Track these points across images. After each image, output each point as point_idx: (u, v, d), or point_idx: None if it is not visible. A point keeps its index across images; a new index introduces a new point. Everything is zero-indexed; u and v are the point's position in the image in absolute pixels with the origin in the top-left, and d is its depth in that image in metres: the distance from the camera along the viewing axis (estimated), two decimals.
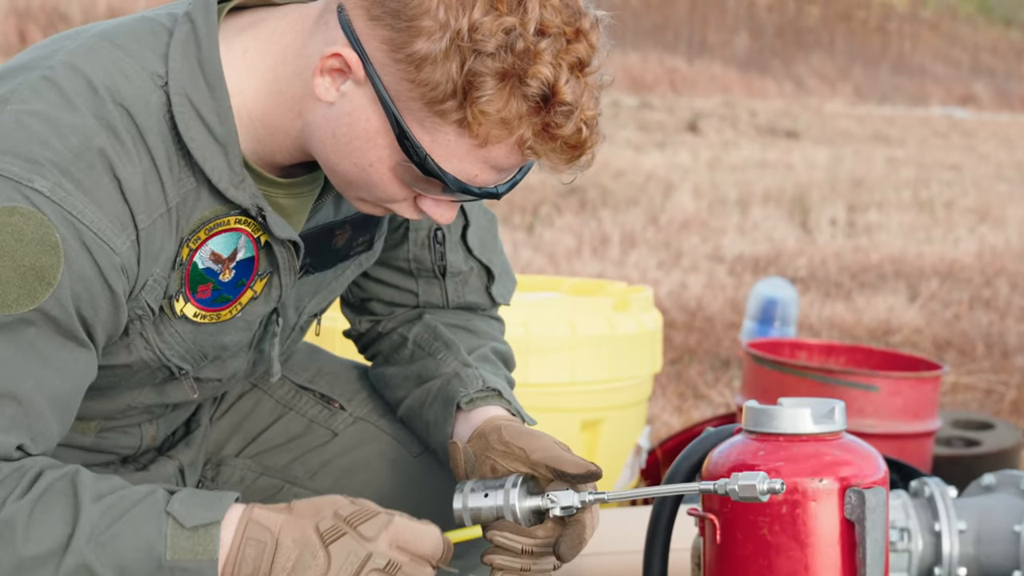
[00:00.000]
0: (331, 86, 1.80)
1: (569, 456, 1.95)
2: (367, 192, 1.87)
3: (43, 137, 1.75)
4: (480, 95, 1.73)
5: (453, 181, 1.80)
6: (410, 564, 1.81)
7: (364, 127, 1.80)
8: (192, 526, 1.76)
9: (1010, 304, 7.37)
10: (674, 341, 6.02)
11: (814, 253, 8.60)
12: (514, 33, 1.72)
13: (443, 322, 2.23)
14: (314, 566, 1.78)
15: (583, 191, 10.52)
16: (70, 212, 1.74)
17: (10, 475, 1.76)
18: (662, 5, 25.96)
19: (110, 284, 1.78)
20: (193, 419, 2.22)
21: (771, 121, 18.57)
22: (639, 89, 21.58)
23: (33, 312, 1.73)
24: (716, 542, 2.01)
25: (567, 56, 1.75)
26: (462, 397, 2.09)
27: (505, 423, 2.03)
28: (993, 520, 2.76)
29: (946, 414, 4.36)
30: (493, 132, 1.76)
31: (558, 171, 1.84)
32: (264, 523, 1.80)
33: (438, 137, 1.78)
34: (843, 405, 2.02)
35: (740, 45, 26.58)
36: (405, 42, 1.74)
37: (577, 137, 1.78)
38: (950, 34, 31.09)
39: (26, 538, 1.74)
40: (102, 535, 1.75)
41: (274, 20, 1.87)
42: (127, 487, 1.80)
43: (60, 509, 1.75)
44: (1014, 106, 26.58)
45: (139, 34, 1.86)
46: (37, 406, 1.77)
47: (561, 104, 1.75)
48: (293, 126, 1.86)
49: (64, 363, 1.78)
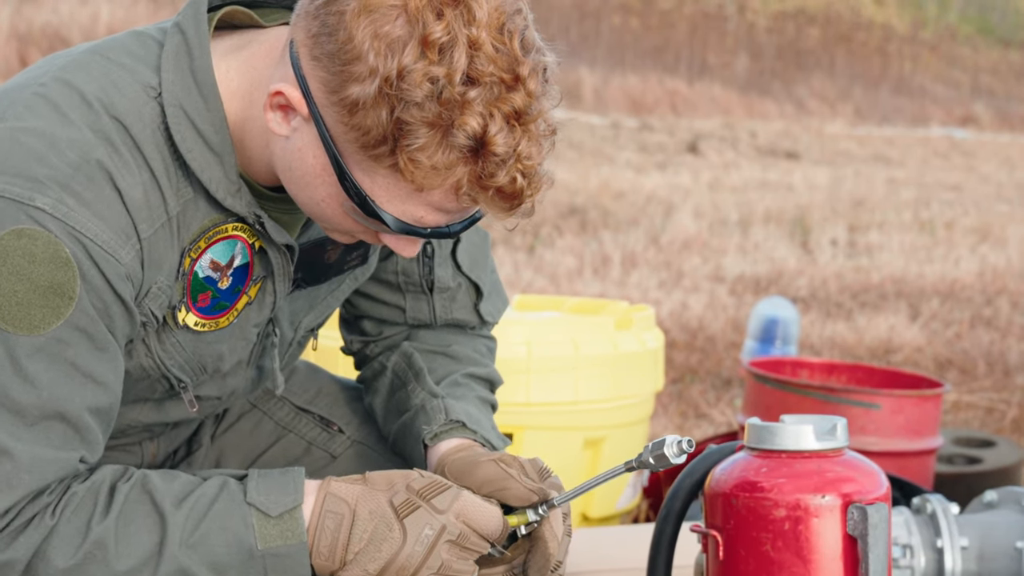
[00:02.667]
0: (283, 121, 1.79)
1: (511, 487, 1.93)
2: (327, 223, 1.87)
3: (41, 154, 1.76)
4: (410, 143, 1.70)
5: (394, 222, 1.79)
6: (474, 537, 1.87)
7: (312, 164, 1.79)
8: (278, 514, 1.82)
9: (1011, 323, 7.37)
10: (675, 361, 6.02)
11: (815, 273, 8.60)
12: (439, 83, 1.68)
13: (421, 348, 2.22)
14: (391, 539, 1.83)
15: (584, 212, 10.54)
16: (74, 227, 1.75)
17: (86, 496, 1.80)
18: (662, 27, 26.00)
19: (119, 294, 1.79)
20: (195, 439, 2.23)
21: (771, 142, 18.59)
22: (639, 111, 21.61)
23: (63, 328, 1.75)
24: (719, 558, 2.01)
25: (502, 105, 1.71)
26: (426, 434, 2.08)
27: (450, 459, 2.01)
28: (995, 537, 2.75)
29: (948, 432, 4.36)
30: (426, 179, 1.73)
31: (499, 219, 1.81)
32: (341, 495, 1.85)
33: (376, 180, 1.77)
34: (845, 422, 2.02)
35: (740, 67, 26.61)
36: (339, 86, 1.72)
37: (512, 187, 1.74)
38: (950, 55, 31.13)
39: (118, 554, 1.78)
40: (191, 537, 1.80)
41: (256, 44, 1.88)
42: (198, 483, 1.84)
43: (144, 519, 1.80)
44: (1014, 126, 26.60)
45: (130, 47, 1.87)
46: (85, 420, 1.79)
47: (493, 155, 1.72)
48: (264, 154, 1.86)
49: (104, 374, 1.80)
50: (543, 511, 1.95)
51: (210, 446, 2.26)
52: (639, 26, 25.16)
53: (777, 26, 28.43)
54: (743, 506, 1.96)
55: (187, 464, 2.22)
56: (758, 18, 28.26)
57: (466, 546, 1.86)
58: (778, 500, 1.95)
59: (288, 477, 1.86)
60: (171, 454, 2.21)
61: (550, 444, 3.36)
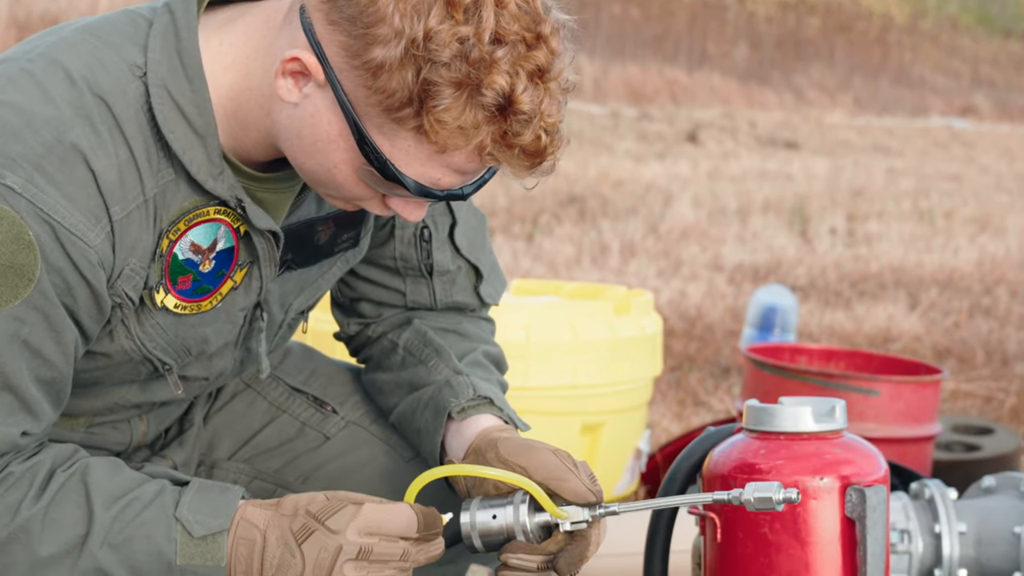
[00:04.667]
0: (293, 88, 1.79)
1: (570, 480, 1.92)
2: (335, 190, 1.87)
3: (16, 130, 1.76)
4: (436, 104, 1.71)
5: (414, 185, 1.79)
6: (382, 544, 1.82)
7: (326, 130, 1.80)
8: (201, 535, 1.81)
9: (1010, 312, 7.37)
10: (674, 349, 6.02)
11: (814, 262, 8.60)
12: (469, 42, 1.70)
13: (433, 327, 2.22)
14: (293, 565, 1.81)
15: (583, 201, 10.53)
16: (42, 208, 1.75)
17: (22, 477, 1.80)
18: (662, 16, 25.98)
19: (86, 277, 1.79)
20: (186, 418, 2.23)
21: (771, 132, 18.58)
22: (639, 100, 21.60)
23: (20, 307, 1.75)
24: (717, 541, 2.01)
25: (526, 63, 1.73)
26: (453, 407, 2.07)
27: (501, 437, 2.00)
28: (993, 522, 2.75)
29: (946, 419, 4.36)
30: (451, 140, 1.74)
31: (519, 177, 1.82)
32: (253, 521, 1.83)
33: (397, 143, 1.77)
34: (844, 404, 2.02)
35: (740, 56, 26.60)
36: (362, 49, 1.72)
37: (536, 144, 1.76)
38: (950, 45, 31.11)
39: (41, 540, 1.79)
40: (114, 539, 1.80)
41: (250, 15, 1.87)
42: (138, 484, 1.84)
43: (73, 511, 1.81)
44: (1014, 117, 26.60)
45: (119, 25, 1.86)
46: (32, 392, 1.80)
47: (519, 113, 1.73)
48: (263, 123, 1.86)
49: (52, 351, 1.80)
50: (599, 512, 1.91)
51: (202, 426, 2.25)
52: (639, 15, 25.14)
53: (777, 16, 28.42)
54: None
55: (179, 443, 2.20)
56: (758, 7, 28.25)
57: (373, 559, 1.82)
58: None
59: (224, 498, 1.84)
60: (162, 433, 2.20)
61: (548, 429, 3.36)
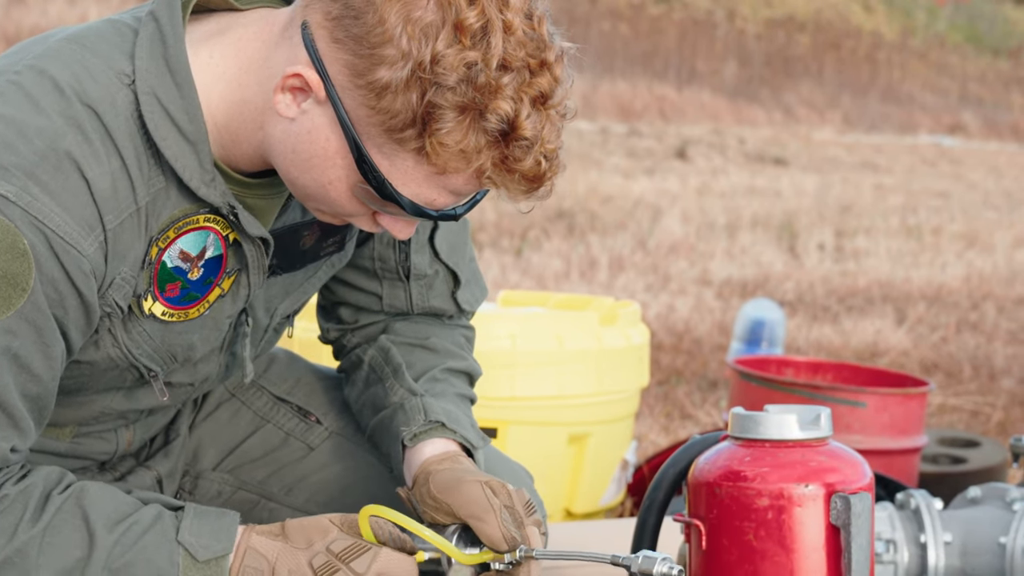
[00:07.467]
0: (292, 103, 1.80)
1: (488, 523, 1.90)
2: (326, 206, 1.87)
3: (8, 141, 1.75)
4: (439, 127, 1.73)
5: (409, 205, 1.80)
6: None
7: (323, 146, 1.80)
8: (204, 559, 1.80)
9: (997, 327, 7.38)
10: (662, 363, 6.02)
11: (802, 277, 8.61)
12: (476, 67, 1.71)
13: (399, 341, 2.21)
14: None
15: (571, 216, 10.53)
16: (36, 217, 1.74)
17: (16, 499, 1.79)
18: (651, 33, 26.03)
19: (78, 287, 1.79)
20: (172, 427, 2.22)
21: (760, 148, 18.60)
22: (628, 116, 21.62)
23: (12, 319, 1.74)
24: (702, 548, 2.01)
25: (529, 89, 1.74)
26: (405, 435, 2.07)
27: (435, 470, 1.99)
28: (979, 532, 2.75)
29: (932, 432, 4.36)
30: (451, 162, 1.76)
31: (516, 200, 1.84)
32: (261, 551, 1.83)
33: (396, 163, 1.78)
34: (829, 412, 2.02)
35: (729, 73, 26.65)
36: (366, 69, 1.73)
37: (536, 170, 1.78)
38: (939, 63, 31.19)
39: (38, 565, 1.77)
40: (114, 563, 1.79)
41: (240, 28, 1.87)
42: (135, 508, 1.83)
43: (73, 534, 1.79)
44: (1002, 135, 26.66)
45: (105, 34, 1.86)
46: (19, 408, 1.79)
47: (521, 139, 1.75)
48: (255, 136, 1.86)
49: (40, 366, 1.79)
50: (521, 555, 1.90)
51: (188, 436, 2.24)
52: (628, 32, 25.17)
53: (766, 33, 28.47)
54: (726, 495, 1.96)
55: (164, 453, 2.20)
56: (747, 25, 28.31)
57: None
58: (761, 489, 1.95)
59: (223, 522, 1.84)
60: (148, 442, 2.19)
61: (534, 439, 3.35)
